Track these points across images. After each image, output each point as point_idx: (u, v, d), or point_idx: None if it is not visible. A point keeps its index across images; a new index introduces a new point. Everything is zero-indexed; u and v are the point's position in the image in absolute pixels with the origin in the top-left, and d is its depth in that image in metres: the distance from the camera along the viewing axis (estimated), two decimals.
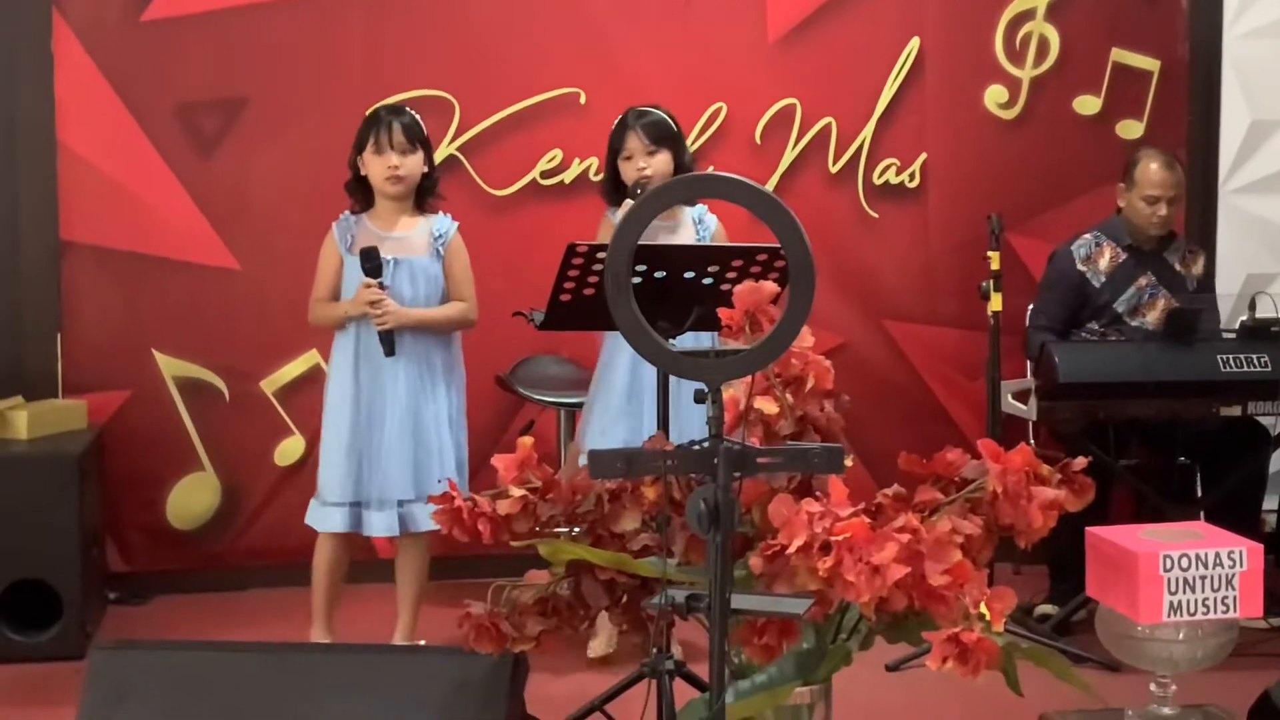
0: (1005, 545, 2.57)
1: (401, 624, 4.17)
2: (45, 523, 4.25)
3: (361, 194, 4.11)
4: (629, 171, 4.17)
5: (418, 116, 4.13)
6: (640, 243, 2.15)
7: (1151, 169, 4.68)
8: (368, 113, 4.12)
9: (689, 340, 3.64)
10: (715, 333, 3.49)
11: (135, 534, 4.98)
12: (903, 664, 4.05)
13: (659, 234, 4.03)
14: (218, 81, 4.94)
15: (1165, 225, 4.74)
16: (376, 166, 4.03)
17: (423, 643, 4.12)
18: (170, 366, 4.95)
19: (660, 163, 4.16)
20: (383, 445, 4.02)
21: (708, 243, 4.14)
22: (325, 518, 4.06)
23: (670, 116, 4.24)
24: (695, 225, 4.22)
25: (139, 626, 4.62)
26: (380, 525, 4.04)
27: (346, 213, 4.12)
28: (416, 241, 4.09)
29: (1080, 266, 4.76)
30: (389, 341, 3.97)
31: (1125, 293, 4.75)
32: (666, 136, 4.18)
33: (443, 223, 4.15)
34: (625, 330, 2.11)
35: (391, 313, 3.96)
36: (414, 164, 4.05)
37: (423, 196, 4.13)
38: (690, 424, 3.99)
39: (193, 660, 2.99)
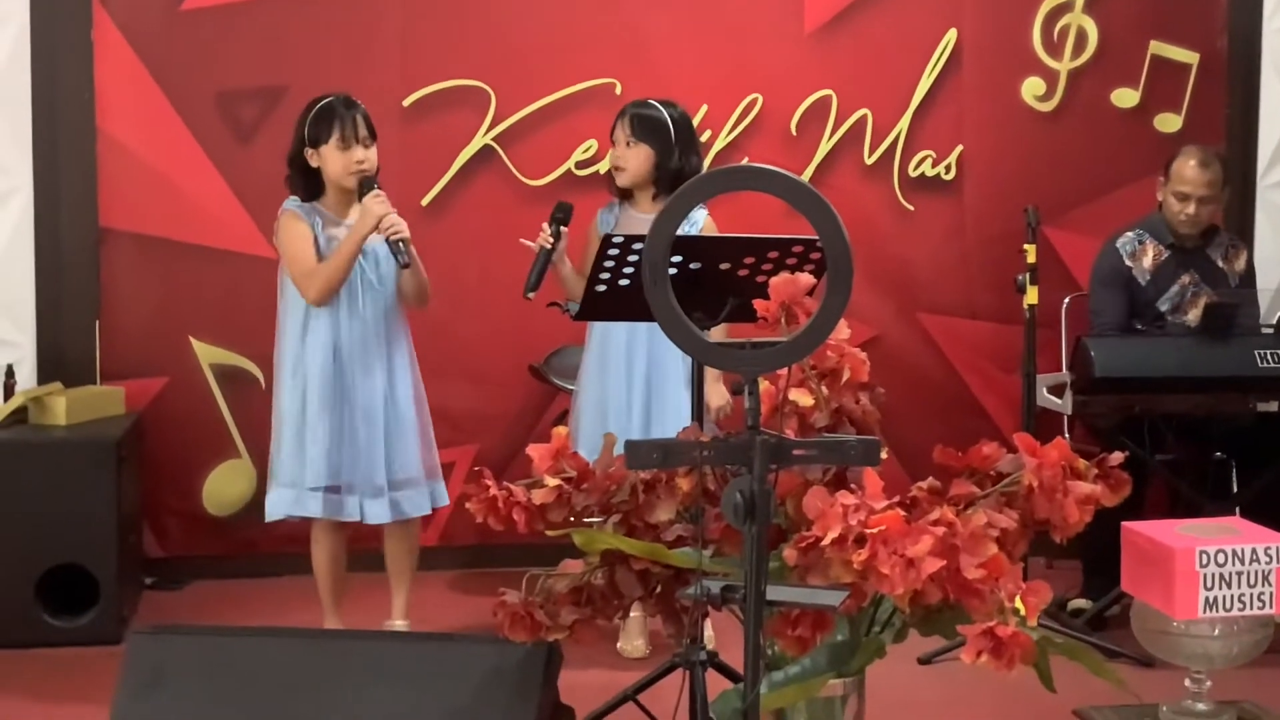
0: (1038, 539, 2.56)
1: (397, 607, 4.19)
2: (83, 508, 4.28)
3: (304, 186, 4.06)
4: (611, 158, 4.19)
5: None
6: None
7: (1187, 165, 4.64)
8: (318, 106, 4.05)
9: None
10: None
11: (171, 520, 5.01)
12: (935, 657, 4.06)
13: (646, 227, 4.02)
14: (256, 70, 4.96)
15: (1194, 224, 4.68)
16: (341, 161, 3.98)
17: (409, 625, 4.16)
18: (207, 354, 4.98)
19: (635, 156, 4.13)
20: (370, 429, 4.02)
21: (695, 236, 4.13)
22: (305, 503, 4.03)
23: (674, 116, 4.17)
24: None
25: (174, 612, 4.65)
26: (375, 513, 4.03)
27: (295, 198, 4.06)
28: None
29: (1128, 262, 4.74)
30: (406, 251, 3.92)
31: (1169, 291, 4.72)
32: (650, 132, 4.13)
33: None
34: (662, 321, 2.12)
35: (405, 226, 3.94)
36: (374, 156, 4.04)
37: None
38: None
39: (229, 645, 3.01)
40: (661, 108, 4.19)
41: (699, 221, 4.18)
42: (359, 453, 4.02)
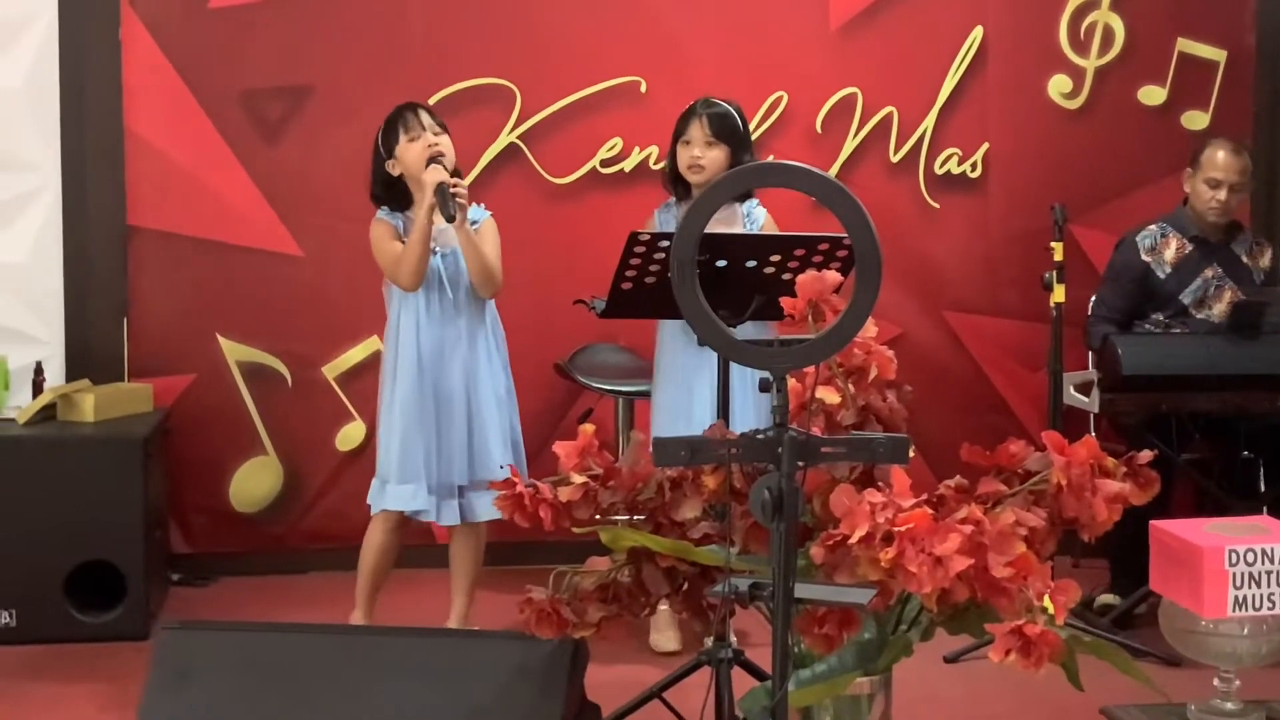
0: (1064, 538, 2.55)
1: (456, 609, 4.19)
2: (110, 505, 4.30)
3: (389, 198, 4.08)
4: (684, 157, 4.14)
5: None
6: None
7: (1218, 153, 4.64)
8: (385, 120, 4.07)
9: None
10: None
11: (198, 516, 5.03)
12: (960, 656, 4.04)
13: (710, 224, 4.00)
14: (282, 69, 4.98)
15: (1224, 212, 4.68)
16: (415, 150, 3.99)
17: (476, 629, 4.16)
18: (234, 351, 5.00)
19: (716, 157, 4.11)
20: (448, 428, 4.03)
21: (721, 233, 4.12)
22: (389, 497, 4.04)
23: (741, 115, 4.20)
24: (744, 216, 4.18)
25: (201, 608, 4.67)
26: (448, 515, 4.05)
27: (385, 209, 4.08)
28: (454, 233, 4.07)
29: (1145, 257, 4.73)
30: (454, 205, 3.87)
31: (1192, 284, 4.71)
32: (728, 132, 4.13)
33: (475, 211, 4.13)
34: (690, 318, 2.12)
35: (464, 191, 3.93)
36: (449, 144, 4.04)
37: None
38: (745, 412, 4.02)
39: (257, 641, 3.02)
40: (729, 106, 4.19)
41: (759, 219, 4.17)
42: (437, 453, 4.03)
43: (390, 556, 4.15)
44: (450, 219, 3.89)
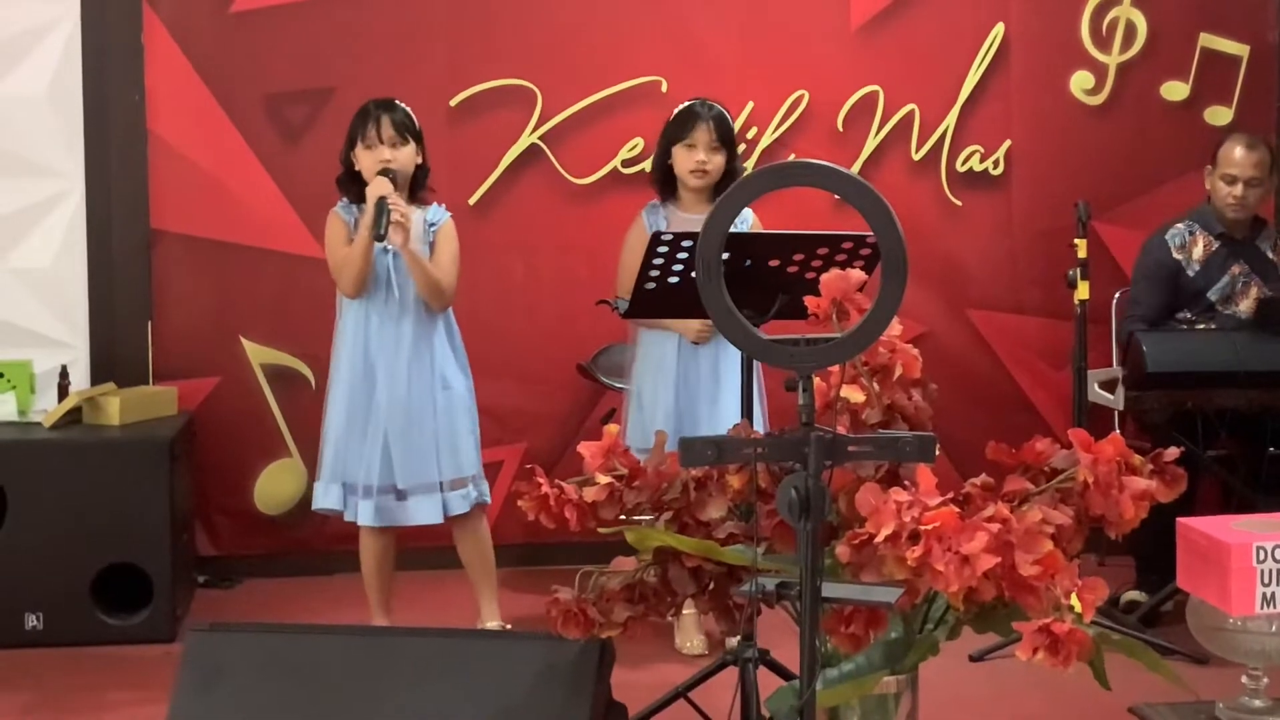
0: (1089, 535, 2.54)
1: (483, 609, 4.20)
2: (136, 508, 4.32)
3: (354, 188, 4.09)
4: (686, 160, 4.12)
5: (409, 110, 4.10)
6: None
7: (1234, 149, 4.63)
8: (359, 109, 4.10)
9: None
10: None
11: (224, 519, 5.05)
12: (986, 654, 4.03)
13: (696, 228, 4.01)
14: (304, 72, 4.99)
15: (1244, 208, 4.66)
16: (368, 160, 4.02)
17: (509, 626, 4.17)
18: (258, 354, 5.02)
19: (719, 162, 4.13)
20: (391, 427, 4.03)
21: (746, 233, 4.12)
22: (325, 496, 4.08)
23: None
24: None
25: (227, 610, 4.68)
26: (365, 515, 4.05)
27: (345, 200, 4.11)
28: (413, 232, 4.05)
29: (1176, 255, 4.71)
30: (385, 224, 3.86)
31: (1219, 281, 4.69)
32: (729, 139, 4.16)
33: (436, 212, 4.14)
34: (716, 318, 2.12)
35: (404, 211, 3.93)
36: (406, 156, 4.04)
37: (415, 189, 4.11)
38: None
39: (286, 643, 3.03)
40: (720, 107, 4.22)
41: (748, 218, 4.17)
42: (365, 452, 4.04)
43: (387, 558, 4.16)
44: (379, 238, 3.90)
